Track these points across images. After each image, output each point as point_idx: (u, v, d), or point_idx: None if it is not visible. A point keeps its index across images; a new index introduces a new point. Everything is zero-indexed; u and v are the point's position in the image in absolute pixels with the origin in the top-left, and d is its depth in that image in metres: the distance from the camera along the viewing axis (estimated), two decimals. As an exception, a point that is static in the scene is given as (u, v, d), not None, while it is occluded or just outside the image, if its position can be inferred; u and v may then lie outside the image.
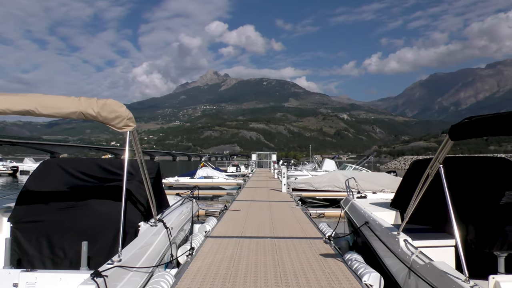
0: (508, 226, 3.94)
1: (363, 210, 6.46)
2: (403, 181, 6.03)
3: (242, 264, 5.37)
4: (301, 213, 10.59)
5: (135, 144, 4.10)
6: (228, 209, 11.00)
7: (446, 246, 4.48)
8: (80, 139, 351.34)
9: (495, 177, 5.12)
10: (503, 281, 3.06)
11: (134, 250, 4.04)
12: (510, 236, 3.96)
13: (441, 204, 3.94)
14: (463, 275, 3.20)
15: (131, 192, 4.98)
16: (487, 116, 3.22)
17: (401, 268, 4.31)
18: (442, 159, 3.75)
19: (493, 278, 3.10)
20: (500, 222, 3.95)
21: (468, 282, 3.10)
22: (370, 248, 5.56)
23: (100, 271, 3.18)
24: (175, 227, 5.89)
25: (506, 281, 3.06)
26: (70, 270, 3.80)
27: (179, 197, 7.81)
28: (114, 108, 3.51)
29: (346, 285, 4.47)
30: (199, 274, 4.89)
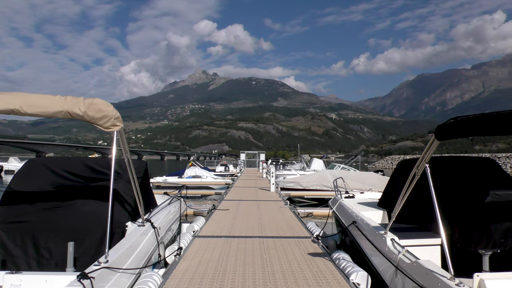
0: (493, 225, 4.00)
1: (351, 210, 6.50)
2: (390, 180, 6.08)
3: (230, 263, 5.37)
4: (290, 212, 10.62)
5: (123, 144, 4.06)
6: (216, 209, 10.98)
7: (432, 245, 4.53)
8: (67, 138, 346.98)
9: (480, 176, 5.21)
10: (487, 278, 3.11)
11: (122, 250, 4.00)
12: (495, 234, 4.02)
13: (427, 204, 3.99)
14: (449, 273, 3.24)
15: (118, 191, 4.93)
16: (472, 116, 3.27)
17: (388, 267, 4.34)
18: (428, 158, 3.80)
19: (478, 276, 3.14)
20: (485, 221, 4.01)
21: (454, 280, 3.14)
22: (357, 247, 5.60)
23: (87, 273, 3.15)
24: (163, 227, 5.86)
25: (490, 279, 3.11)
26: (56, 272, 3.75)
27: (167, 197, 7.77)
28: (101, 108, 3.47)
29: (333, 284, 4.49)
30: (187, 274, 4.87)
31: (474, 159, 5.95)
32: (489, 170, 5.44)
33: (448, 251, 3.35)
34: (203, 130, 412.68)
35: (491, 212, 3.99)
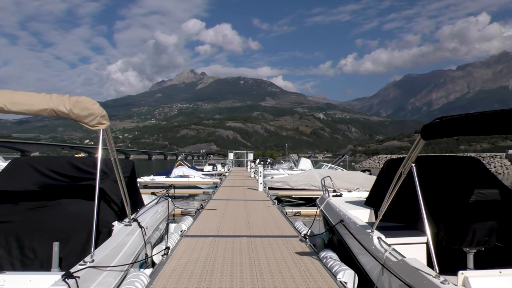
0: (477, 224, 4.06)
1: (338, 209, 6.54)
2: (377, 180, 6.13)
3: (218, 263, 5.36)
4: (277, 211, 10.64)
5: (109, 143, 4.02)
6: (204, 208, 10.94)
7: (418, 243, 4.58)
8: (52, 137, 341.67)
9: (465, 175, 5.28)
10: (471, 276, 3.16)
11: (108, 250, 3.96)
12: (479, 233, 4.09)
13: (413, 202, 4.03)
14: (434, 271, 3.28)
15: (104, 191, 4.88)
16: (457, 116, 3.31)
17: (375, 265, 4.38)
18: (414, 158, 3.84)
19: (462, 273, 3.19)
20: (469, 219, 4.07)
21: (439, 278, 3.18)
22: (345, 246, 5.64)
23: (72, 272, 3.11)
24: (150, 226, 5.82)
25: (474, 276, 3.16)
26: (41, 272, 3.70)
27: (154, 196, 7.72)
28: (86, 106, 3.43)
29: (321, 283, 4.51)
30: (174, 273, 4.84)
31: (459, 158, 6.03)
32: (473, 169, 5.52)
33: (433, 249, 3.39)
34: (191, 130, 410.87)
35: (476, 211, 4.05)
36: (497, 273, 3.24)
